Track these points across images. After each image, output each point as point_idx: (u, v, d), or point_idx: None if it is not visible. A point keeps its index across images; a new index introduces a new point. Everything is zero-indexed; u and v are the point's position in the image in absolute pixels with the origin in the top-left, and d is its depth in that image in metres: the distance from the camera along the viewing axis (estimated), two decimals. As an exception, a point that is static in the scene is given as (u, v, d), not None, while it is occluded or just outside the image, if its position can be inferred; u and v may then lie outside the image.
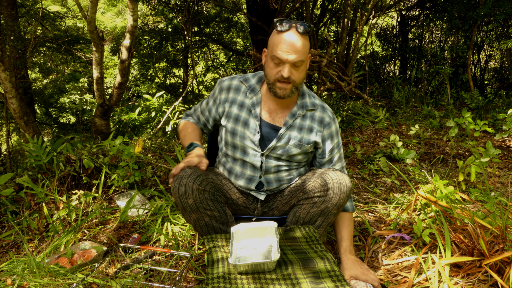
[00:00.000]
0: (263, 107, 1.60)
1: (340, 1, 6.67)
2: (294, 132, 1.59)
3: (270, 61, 1.47)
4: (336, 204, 1.49)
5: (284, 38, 1.42)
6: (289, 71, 1.44)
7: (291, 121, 1.58)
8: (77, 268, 1.59)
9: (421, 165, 3.05)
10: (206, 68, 9.31)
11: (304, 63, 1.48)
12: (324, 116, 1.63)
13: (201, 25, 7.30)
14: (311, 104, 1.62)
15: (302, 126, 1.60)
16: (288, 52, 1.41)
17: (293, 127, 1.59)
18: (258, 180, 1.62)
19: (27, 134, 3.76)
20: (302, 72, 1.50)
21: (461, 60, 6.08)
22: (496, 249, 1.49)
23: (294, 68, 1.45)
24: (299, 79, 1.49)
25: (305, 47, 1.45)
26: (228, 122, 1.61)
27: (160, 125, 4.86)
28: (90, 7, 3.42)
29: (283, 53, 1.41)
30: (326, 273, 1.27)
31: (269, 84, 1.51)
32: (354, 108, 4.69)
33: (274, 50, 1.44)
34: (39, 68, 8.39)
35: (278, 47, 1.42)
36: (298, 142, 1.59)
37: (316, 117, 1.62)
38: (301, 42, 1.43)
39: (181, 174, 1.47)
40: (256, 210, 1.69)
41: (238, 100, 1.61)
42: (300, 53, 1.43)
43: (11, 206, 2.21)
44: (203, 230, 1.56)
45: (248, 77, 1.65)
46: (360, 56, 7.35)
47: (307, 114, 1.61)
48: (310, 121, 1.61)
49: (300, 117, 1.60)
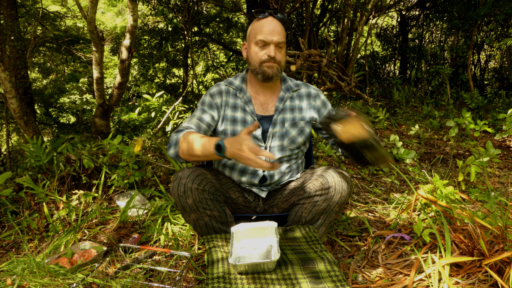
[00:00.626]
0: (255, 103, 1.67)
1: (340, 1, 6.67)
2: (287, 114, 1.67)
3: (254, 46, 1.59)
4: (338, 202, 1.49)
5: (266, 23, 1.57)
6: (275, 50, 1.56)
7: (281, 105, 1.67)
8: (77, 268, 1.59)
9: (421, 165, 3.05)
10: (206, 68, 9.31)
11: (284, 46, 1.62)
12: (309, 90, 1.74)
13: (201, 25, 7.30)
14: (295, 85, 1.73)
15: (292, 107, 1.69)
16: (272, 34, 1.55)
17: (284, 110, 1.67)
18: (261, 174, 1.64)
19: (27, 135, 3.76)
20: (284, 55, 1.63)
21: (461, 60, 6.08)
22: (496, 249, 1.49)
23: (278, 50, 1.58)
24: (282, 60, 1.62)
25: (283, 31, 1.60)
26: (226, 125, 1.63)
27: (160, 125, 4.86)
28: (90, 7, 3.42)
29: (267, 35, 1.55)
30: (326, 273, 1.27)
31: (256, 68, 1.60)
32: (354, 108, 4.68)
33: (258, 34, 1.57)
34: (39, 68, 8.38)
35: (262, 31, 1.56)
36: (292, 121, 1.66)
37: (302, 93, 1.72)
38: (280, 26, 1.58)
39: (179, 175, 1.49)
40: (258, 207, 1.69)
41: (230, 103, 1.67)
42: (281, 34, 1.57)
43: (11, 206, 2.21)
44: (203, 230, 1.56)
45: (231, 80, 1.73)
46: (360, 56, 7.35)
47: (293, 95, 1.71)
48: (298, 100, 1.71)
49: (289, 99, 1.69)
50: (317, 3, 6.99)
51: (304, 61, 3.98)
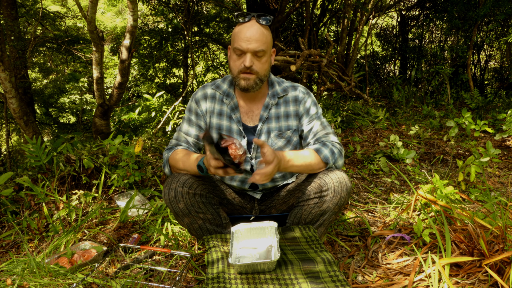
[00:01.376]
0: (241, 110, 1.59)
1: (340, 1, 6.67)
2: (272, 124, 1.57)
3: (233, 53, 1.48)
4: (337, 203, 1.47)
5: (243, 29, 1.43)
6: (251, 60, 1.43)
7: (266, 113, 1.57)
8: (77, 268, 1.59)
9: (421, 165, 3.05)
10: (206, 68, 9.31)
11: (267, 54, 1.47)
12: (296, 94, 1.60)
13: (201, 25, 7.30)
14: (282, 90, 1.60)
15: (278, 114, 1.58)
16: (248, 42, 1.41)
17: (269, 119, 1.57)
18: (250, 182, 1.61)
19: (26, 135, 3.77)
20: (265, 63, 1.48)
21: (461, 60, 6.08)
22: (496, 249, 1.49)
23: (256, 59, 1.44)
24: (262, 70, 1.47)
25: (265, 37, 1.45)
26: (212, 134, 1.57)
27: (160, 125, 4.86)
28: (90, 7, 3.42)
29: (243, 43, 1.42)
30: (326, 273, 1.27)
31: (234, 77, 1.50)
32: (354, 108, 4.69)
33: (235, 41, 1.44)
34: (39, 68, 8.38)
35: (239, 38, 1.43)
36: (278, 132, 1.57)
37: (289, 99, 1.60)
38: (260, 31, 1.43)
39: (170, 180, 1.47)
40: (253, 210, 1.68)
41: (216, 109, 1.59)
42: (260, 42, 1.42)
43: (11, 206, 2.21)
44: (198, 233, 1.55)
45: (218, 83, 1.63)
46: (360, 56, 7.35)
47: (280, 101, 1.59)
48: (284, 107, 1.59)
49: (274, 106, 1.58)
50: (317, 3, 7.00)
51: (304, 61, 3.98)
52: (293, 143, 1.61)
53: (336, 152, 1.50)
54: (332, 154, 1.49)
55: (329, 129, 1.58)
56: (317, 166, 1.49)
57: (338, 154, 1.50)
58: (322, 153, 1.48)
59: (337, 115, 4.22)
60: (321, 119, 1.60)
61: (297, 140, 1.63)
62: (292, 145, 1.61)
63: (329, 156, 1.49)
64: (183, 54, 7.67)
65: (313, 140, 1.56)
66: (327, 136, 1.55)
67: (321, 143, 1.52)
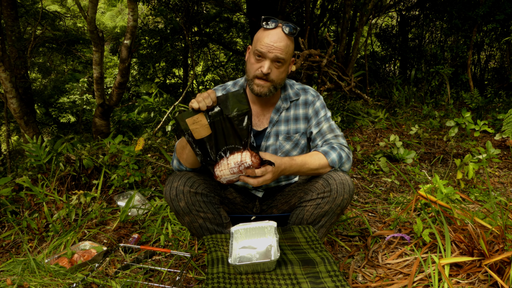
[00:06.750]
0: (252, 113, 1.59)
1: (340, 1, 6.67)
2: (281, 127, 1.58)
3: (252, 56, 1.46)
4: (340, 205, 1.47)
5: (268, 35, 1.42)
6: (269, 67, 1.42)
7: (276, 116, 1.58)
8: (77, 268, 1.59)
9: (421, 165, 3.05)
10: (206, 68, 9.32)
11: (286, 64, 1.47)
12: (307, 97, 1.61)
13: (201, 25, 7.31)
14: (294, 94, 1.60)
15: (288, 118, 1.59)
16: (271, 47, 1.41)
17: (279, 122, 1.58)
18: None
19: (27, 134, 3.77)
20: (283, 73, 1.48)
21: (461, 60, 6.08)
22: (496, 249, 1.49)
23: (275, 66, 1.44)
24: (279, 79, 1.48)
25: (288, 47, 1.44)
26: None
27: (160, 125, 4.85)
28: (90, 7, 3.42)
29: (265, 48, 1.41)
30: (326, 273, 1.27)
31: (248, 80, 1.50)
32: (354, 108, 4.69)
33: (257, 44, 1.44)
34: (39, 68, 8.39)
35: (261, 42, 1.42)
36: (286, 134, 1.58)
37: (300, 102, 1.60)
38: (284, 41, 1.43)
39: (171, 178, 1.47)
40: (254, 208, 1.68)
41: None
42: (282, 51, 1.42)
43: (11, 206, 2.21)
44: (198, 232, 1.55)
45: (229, 87, 1.63)
46: (360, 56, 7.36)
47: (291, 105, 1.60)
48: (294, 109, 1.60)
49: (285, 110, 1.59)
50: (317, 3, 7.00)
51: (304, 61, 3.98)
52: (300, 146, 1.62)
53: (344, 156, 1.51)
54: (339, 158, 1.51)
55: (338, 132, 1.59)
56: (323, 170, 1.51)
57: (345, 158, 1.51)
58: (330, 156, 1.50)
59: (337, 115, 4.22)
60: (330, 122, 1.61)
61: (305, 143, 1.64)
62: (300, 148, 1.62)
63: (336, 161, 1.50)
64: (183, 54, 7.68)
65: (322, 142, 1.57)
66: (336, 139, 1.56)
67: (329, 145, 1.53)
